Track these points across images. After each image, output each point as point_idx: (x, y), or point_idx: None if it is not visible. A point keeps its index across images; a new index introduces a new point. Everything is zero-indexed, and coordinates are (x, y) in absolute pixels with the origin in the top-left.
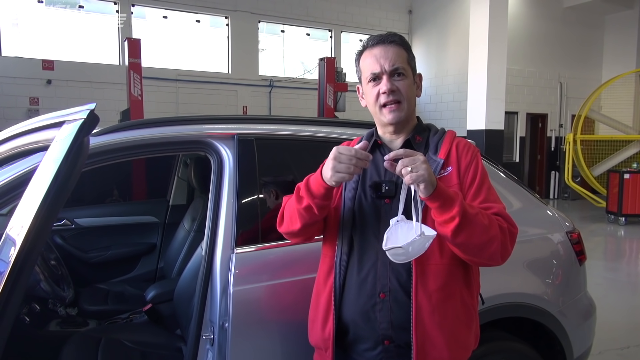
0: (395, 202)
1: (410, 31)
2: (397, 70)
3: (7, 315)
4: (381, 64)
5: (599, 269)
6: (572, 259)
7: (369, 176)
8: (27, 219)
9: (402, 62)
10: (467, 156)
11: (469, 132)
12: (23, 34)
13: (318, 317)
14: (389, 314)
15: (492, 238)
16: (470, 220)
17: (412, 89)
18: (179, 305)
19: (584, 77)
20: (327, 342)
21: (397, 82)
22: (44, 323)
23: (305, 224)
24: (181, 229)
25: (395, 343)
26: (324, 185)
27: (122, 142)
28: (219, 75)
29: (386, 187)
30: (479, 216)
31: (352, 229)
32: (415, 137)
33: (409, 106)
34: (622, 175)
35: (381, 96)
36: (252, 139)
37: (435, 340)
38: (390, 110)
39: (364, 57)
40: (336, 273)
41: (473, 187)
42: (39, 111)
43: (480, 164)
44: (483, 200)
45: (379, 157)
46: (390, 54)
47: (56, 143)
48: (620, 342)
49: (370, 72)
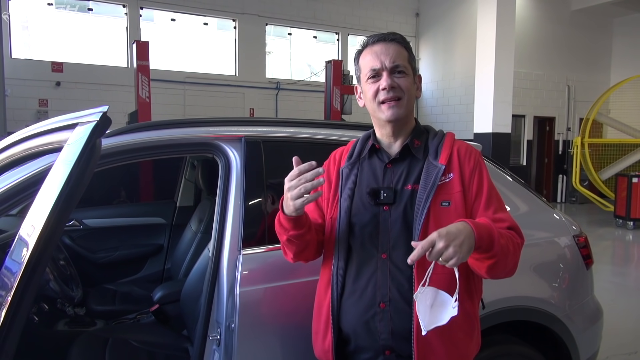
0: (395, 209)
1: (417, 34)
2: (398, 67)
3: (20, 315)
4: (382, 60)
5: (607, 274)
6: (579, 263)
7: (365, 183)
8: (39, 221)
9: (403, 60)
10: (470, 162)
11: (475, 135)
12: (33, 36)
13: (320, 329)
14: (390, 323)
15: (516, 262)
16: (504, 254)
17: (413, 87)
18: (186, 306)
19: (592, 80)
20: (328, 354)
21: (397, 79)
22: (53, 322)
23: (297, 252)
24: (188, 230)
25: (396, 353)
26: (289, 219)
27: (130, 144)
28: (227, 78)
29: (384, 194)
30: (508, 246)
31: (350, 238)
32: (413, 141)
33: (409, 104)
34: (631, 179)
35: (380, 92)
36: (260, 141)
37: (436, 350)
38: (390, 107)
39: (364, 54)
40: (333, 283)
41: (482, 197)
42: (48, 113)
43: (484, 170)
44: (495, 210)
45: (377, 162)
46: (391, 50)
47: (69, 145)
48: (627, 347)
49: (370, 68)
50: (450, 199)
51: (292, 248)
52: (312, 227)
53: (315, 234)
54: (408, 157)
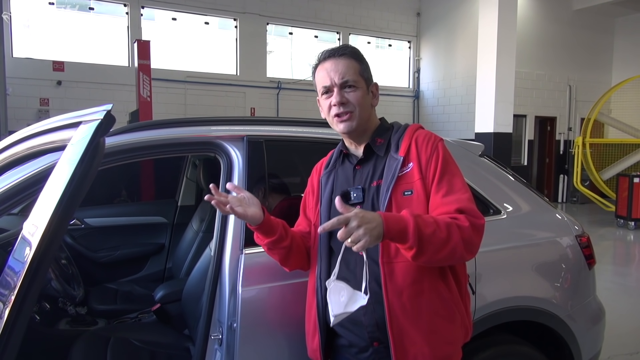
0: (365, 207)
1: (418, 33)
2: (347, 82)
3: (24, 314)
4: (331, 77)
5: (609, 274)
6: (581, 263)
7: (339, 187)
8: (42, 220)
9: (352, 74)
10: (428, 149)
11: (477, 135)
12: (34, 35)
13: (309, 330)
14: (374, 316)
15: (453, 247)
16: (428, 241)
17: (366, 98)
18: (187, 305)
19: (593, 80)
20: (316, 353)
21: (347, 94)
22: (54, 321)
23: (281, 259)
24: (189, 229)
25: (385, 344)
26: (255, 228)
27: (131, 143)
28: (228, 77)
29: (354, 195)
30: (436, 233)
31: (331, 241)
32: (375, 140)
33: (362, 115)
34: (632, 179)
35: (332, 108)
36: (262, 140)
37: (412, 337)
38: (341, 121)
39: (317, 71)
40: (318, 285)
41: (435, 180)
42: (49, 112)
43: (440, 154)
44: (445, 193)
45: (348, 166)
46: (340, 67)
47: (72, 144)
48: (629, 348)
49: (322, 85)
50: (412, 188)
51: (275, 256)
52: (289, 235)
53: (302, 241)
54: (373, 156)
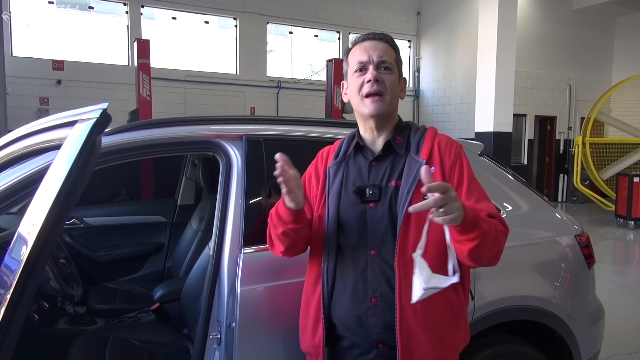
0: (381, 205)
1: (418, 33)
2: (384, 63)
3: (19, 313)
4: (370, 54)
5: (608, 273)
6: (580, 262)
7: (351, 181)
8: (39, 218)
9: (390, 58)
10: (451, 155)
11: (477, 134)
12: (34, 34)
13: (308, 325)
14: (382, 318)
15: (499, 248)
16: (486, 238)
17: (397, 86)
18: (186, 305)
19: (593, 79)
20: (318, 349)
21: (383, 74)
22: (53, 321)
23: (289, 246)
24: (189, 228)
25: (389, 346)
26: (291, 212)
27: (131, 142)
28: (227, 76)
29: (370, 192)
30: (491, 231)
31: (339, 236)
32: (395, 138)
33: (392, 101)
34: (632, 179)
35: (365, 85)
36: (261, 139)
37: (420, 341)
38: (373, 101)
39: (353, 50)
40: (324, 280)
41: (463, 188)
42: (49, 111)
43: (465, 162)
44: (477, 200)
45: (362, 160)
46: (379, 47)
47: (68, 142)
48: (629, 347)
49: (358, 61)
50: None
51: (286, 241)
52: (307, 223)
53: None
54: (391, 154)
